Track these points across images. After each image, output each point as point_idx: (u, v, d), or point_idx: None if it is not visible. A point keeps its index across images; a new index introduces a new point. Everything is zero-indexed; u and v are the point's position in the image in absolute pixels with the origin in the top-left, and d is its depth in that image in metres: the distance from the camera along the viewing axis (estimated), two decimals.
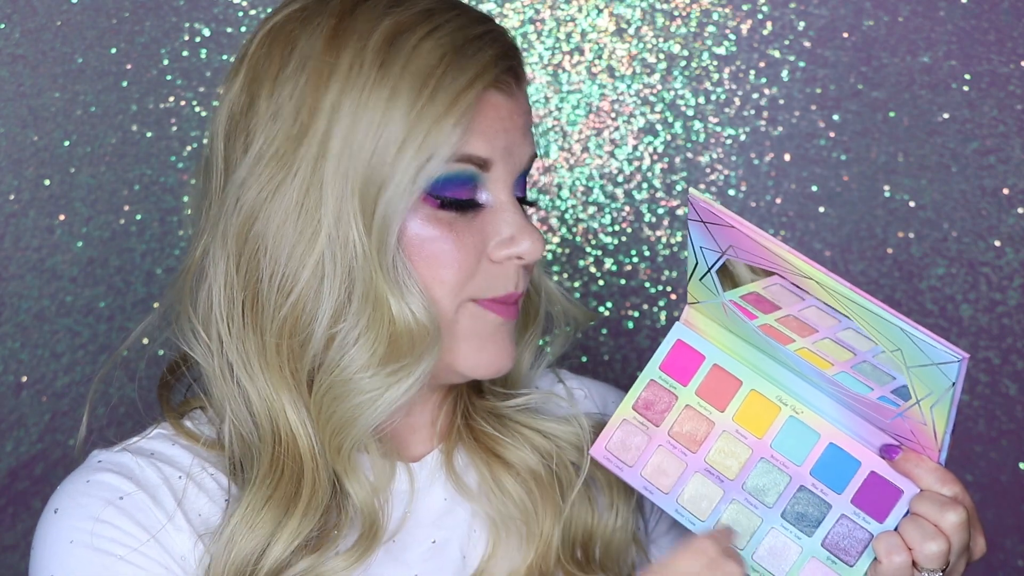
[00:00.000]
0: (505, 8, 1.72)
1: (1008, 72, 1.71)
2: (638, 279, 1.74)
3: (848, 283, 0.94)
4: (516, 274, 1.08)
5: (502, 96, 1.07)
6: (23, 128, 1.66)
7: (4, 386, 1.67)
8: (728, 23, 1.73)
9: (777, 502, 1.04)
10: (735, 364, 1.08)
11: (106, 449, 1.09)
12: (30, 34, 1.66)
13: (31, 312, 1.67)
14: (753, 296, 1.08)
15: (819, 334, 1.06)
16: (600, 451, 1.10)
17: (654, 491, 1.07)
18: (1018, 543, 1.72)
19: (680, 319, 1.11)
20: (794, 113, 1.73)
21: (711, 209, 0.98)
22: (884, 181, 1.73)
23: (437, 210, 1.05)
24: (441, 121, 1.02)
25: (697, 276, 1.05)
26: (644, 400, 1.10)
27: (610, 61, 1.73)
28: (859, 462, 1.03)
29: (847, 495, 1.03)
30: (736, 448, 1.06)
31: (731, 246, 1.00)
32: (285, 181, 1.03)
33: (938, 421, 0.97)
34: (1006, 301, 1.73)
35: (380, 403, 1.05)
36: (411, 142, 1.02)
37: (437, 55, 1.03)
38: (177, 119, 1.69)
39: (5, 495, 1.67)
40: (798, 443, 1.05)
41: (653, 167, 1.73)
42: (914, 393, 0.97)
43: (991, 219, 1.72)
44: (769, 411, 1.07)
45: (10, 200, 1.66)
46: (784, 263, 0.97)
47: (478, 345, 1.08)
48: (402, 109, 1.02)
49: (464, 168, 1.05)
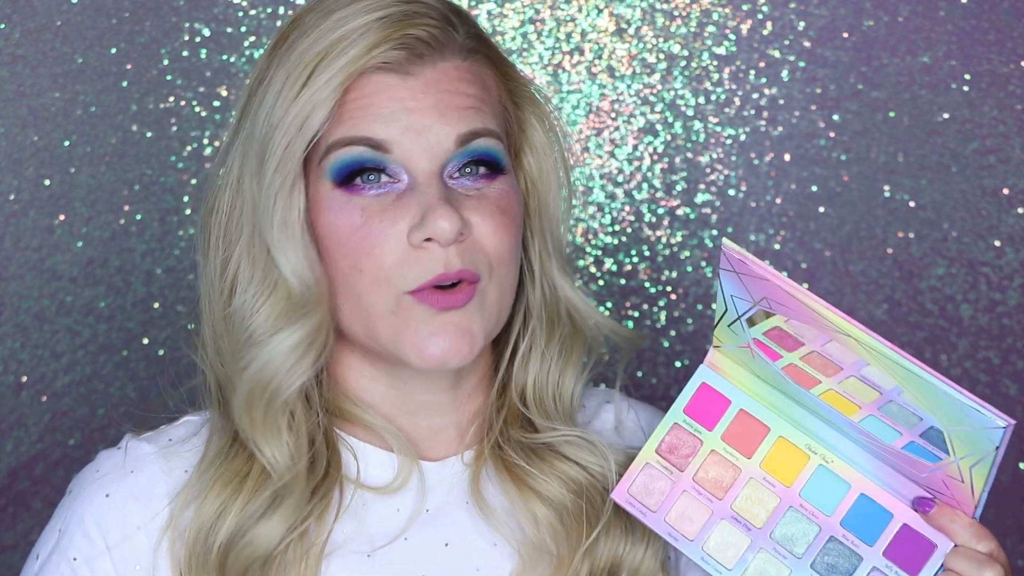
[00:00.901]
0: (505, 8, 1.72)
1: (1008, 72, 1.71)
2: (638, 279, 1.74)
3: (889, 343, 0.93)
4: (443, 254, 1.05)
5: (393, 76, 1.06)
6: (23, 128, 1.66)
7: (4, 386, 1.67)
8: (728, 23, 1.73)
9: (807, 552, 1.02)
10: (762, 410, 1.06)
11: (135, 436, 1.13)
12: (30, 34, 1.66)
13: (31, 312, 1.67)
14: (776, 331, 1.07)
15: (844, 372, 1.04)
16: (622, 495, 1.08)
17: (679, 538, 1.05)
18: (1018, 543, 1.72)
19: (704, 362, 1.09)
20: (794, 113, 1.73)
21: (745, 260, 0.97)
22: (884, 181, 1.73)
23: (348, 196, 1.06)
24: (312, 101, 1.05)
25: (725, 323, 1.03)
26: (668, 444, 1.08)
27: (610, 61, 1.73)
28: (891, 514, 1.02)
29: (879, 547, 1.01)
30: (764, 496, 1.05)
31: (765, 298, 0.99)
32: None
33: (977, 480, 0.95)
34: (1006, 301, 1.73)
35: (275, 365, 1.07)
36: (286, 122, 1.06)
37: (321, 46, 1.06)
38: (177, 119, 1.68)
39: (5, 495, 1.67)
40: (828, 493, 1.03)
41: (653, 167, 1.73)
42: (953, 452, 0.95)
43: (991, 219, 1.72)
44: (798, 459, 1.05)
45: (10, 200, 1.66)
46: (821, 319, 0.96)
47: (417, 336, 1.06)
48: (286, 94, 1.06)
49: (361, 151, 1.06)
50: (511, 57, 1.72)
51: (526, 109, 1.16)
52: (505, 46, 1.72)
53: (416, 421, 1.13)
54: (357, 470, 1.11)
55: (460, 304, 1.06)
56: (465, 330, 1.06)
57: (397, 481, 1.11)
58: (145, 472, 1.10)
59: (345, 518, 1.09)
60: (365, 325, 1.07)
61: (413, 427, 1.13)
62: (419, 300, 1.05)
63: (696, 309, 1.73)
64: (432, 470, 1.13)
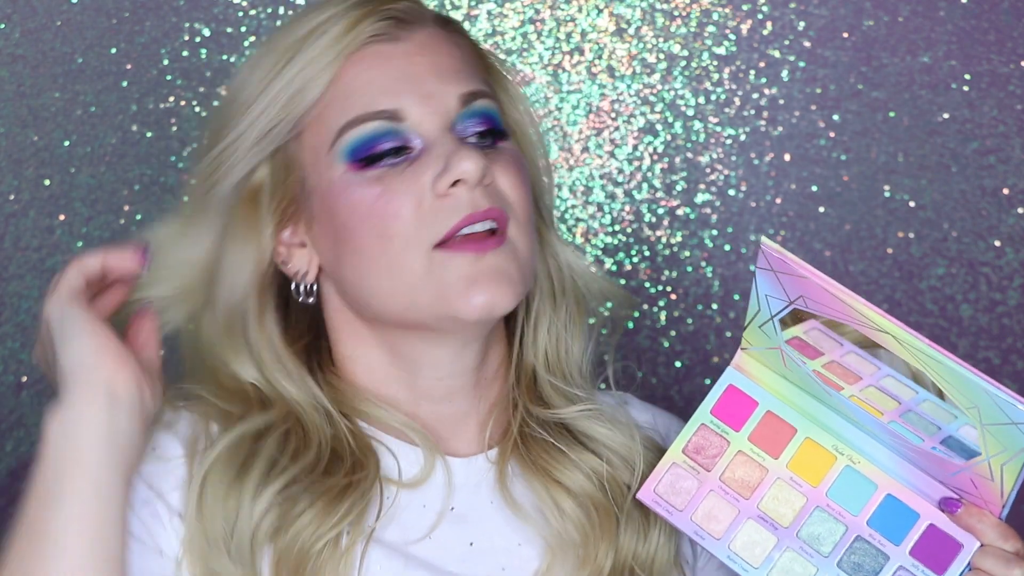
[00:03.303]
0: (505, 8, 1.72)
1: (1008, 72, 1.71)
2: (638, 279, 1.74)
3: (927, 339, 0.94)
4: (470, 196, 1.05)
5: (387, 45, 1.08)
6: (23, 128, 1.66)
7: (4, 386, 1.67)
8: (728, 23, 1.73)
9: (833, 551, 1.03)
10: (789, 411, 1.07)
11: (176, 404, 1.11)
12: (30, 34, 1.66)
13: (31, 312, 1.67)
14: (796, 341, 1.08)
15: (863, 381, 1.05)
16: (649, 495, 1.09)
17: (705, 536, 1.06)
18: None
19: (732, 364, 1.09)
20: (794, 113, 1.73)
21: (784, 259, 0.97)
22: (884, 181, 1.73)
23: (364, 171, 1.06)
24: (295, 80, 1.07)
25: (757, 323, 1.04)
26: (695, 444, 1.09)
27: (610, 61, 1.73)
28: (917, 514, 1.02)
29: (905, 547, 1.02)
30: (790, 496, 1.05)
31: (801, 296, 0.99)
32: None
33: (1007, 479, 0.96)
34: (1006, 301, 1.73)
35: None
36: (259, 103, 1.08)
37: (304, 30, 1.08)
38: (177, 119, 1.68)
39: (5, 495, 1.67)
40: (855, 493, 1.04)
41: (653, 167, 1.73)
42: (985, 450, 0.96)
43: (991, 219, 1.72)
44: (825, 460, 1.05)
45: (10, 200, 1.66)
46: (860, 316, 0.96)
47: (458, 286, 1.05)
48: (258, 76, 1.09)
49: (376, 126, 1.07)
50: (511, 57, 1.72)
51: (501, 83, 1.17)
52: (505, 46, 1.72)
53: (439, 410, 1.13)
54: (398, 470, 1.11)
55: (495, 246, 1.06)
56: (505, 274, 1.06)
57: (422, 474, 1.10)
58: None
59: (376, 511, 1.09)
60: (405, 296, 1.06)
61: (437, 418, 1.13)
62: (453, 251, 1.05)
63: (696, 309, 1.73)
64: (459, 467, 1.12)
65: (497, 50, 1.72)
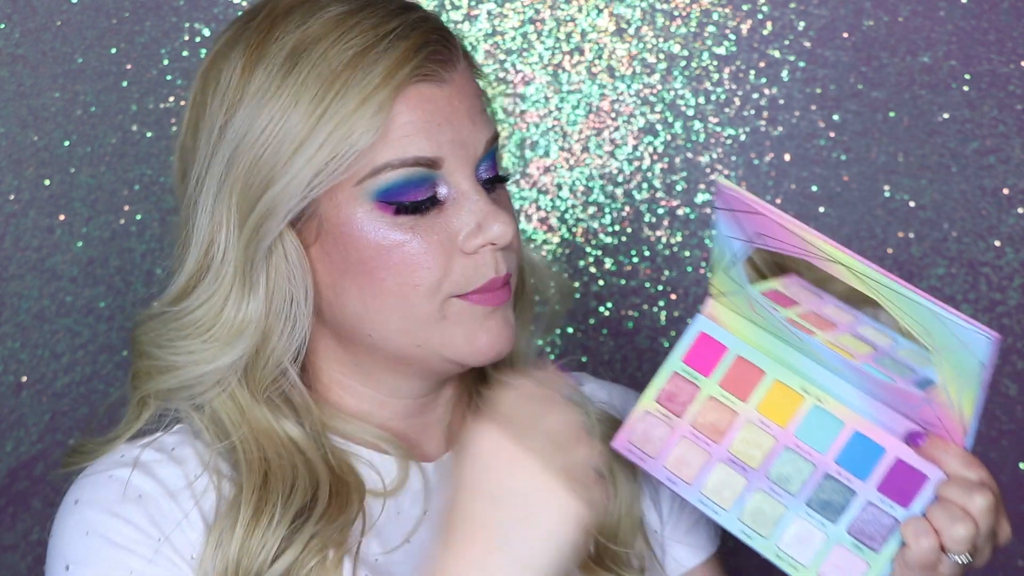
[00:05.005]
0: (505, 8, 1.72)
1: (1008, 72, 1.71)
2: (638, 279, 1.74)
3: (878, 266, 0.94)
4: (494, 259, 1.07)
5: (432, 86, 1.05)
6: (23, 128, 1.66)
7: (4, 386, 1.67)
8: (728, 23, 1.73)
9: (802, 490, 1.04)
10: (758, 355, 1.08)
11: (129, 443, 1.10)
12: (30, 34, 1.66)
13: (31, 312, 1.67)
14: (773, 293, 1.08)
15: (839, 329, 1.06)
16: (623, 443, 1.10)
17: (677, 482, 1.07)
18: (1018, 543, 1.72)
19: (702, 312, 1.10)
20: (794, 113, 1.73)
21: (739, 196, 0.98)
22: (884, 181, 1.73)
23: (395, 216, 1.05)
24: (350, 119, 1.02)
25: (723, 267, 1.05)
26: (667, 392, 1.10)
27: (610, 61, 1.73)
28: (884, 449, 1.03)
29: (872, 482, 1.03)
30: (760, 438, 1.06)
31: (759, 234, 1.00)
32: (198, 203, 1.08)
33: (966, 405, 0.97)
34: (1006, 301, 1.73)
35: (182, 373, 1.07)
36: (312, 142, 1.02)
37: (344, 59, 1.03)
38: (177, 119, 1.69)
39: (5, 495, 1.67)
40: (822, 432, 1.05)
41: (653, 167, 1.73)
42: (943, 376, 0.96)
43: (991, 219, 1.72)
44: (792, 401, 1.06)
45: (10, 200, 1.66)
46: (813, 248, 0.97)
47: (469, 335, 1.07)
48: (302, 112, 1.02)
49: (414, 172, 1.04)
50: (511, 57, 1.72)
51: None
52: (505, 46, 1.72)
53: (411, 422, 1.14)
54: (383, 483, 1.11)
55: (505, 299, 1.09)
56: (508, 322, 1.09)
57: (397, 483, 1.11)
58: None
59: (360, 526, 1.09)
60: (413, 336, 1.07)
61: (407, 426, 1.14)
62: (470, 302, 1.07)
63: (696, 309, 1.74)
64: (432, 471, 1.13)
65: (497, 50, 1.72)
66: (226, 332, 1.06)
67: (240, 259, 1.05)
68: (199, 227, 1.07)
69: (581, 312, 1.74)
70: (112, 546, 1.03)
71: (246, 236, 1.05)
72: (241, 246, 1.05)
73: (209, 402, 1.09)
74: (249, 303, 1.06)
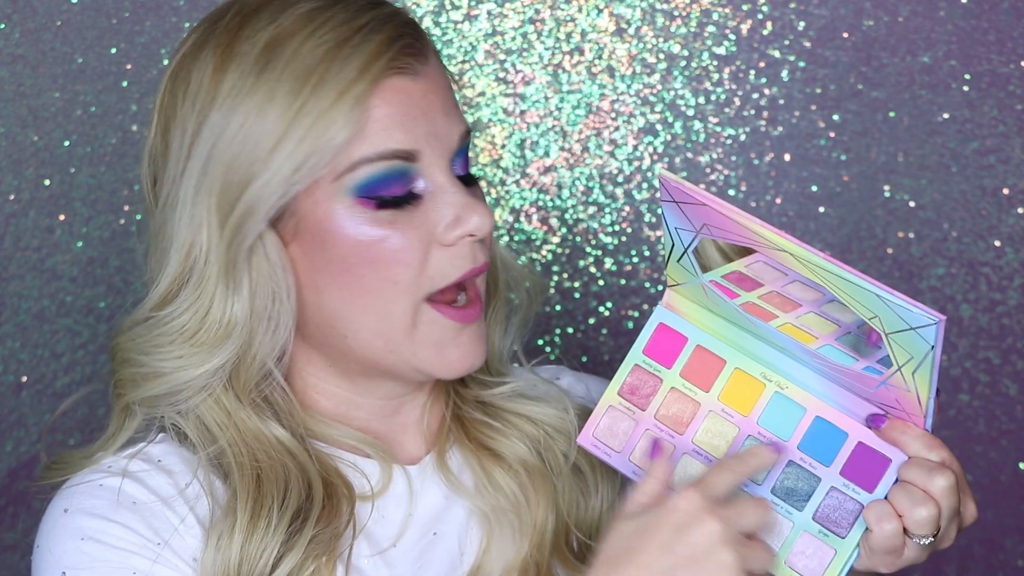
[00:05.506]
0: (505, 8, 1.72)
1: (1008, 72, 1.72)
2: (638, 279, 1.74)
3: (821, 252, 0.94)
4: (472, 251, 1.07)
5: (407, 79, 1.05)
6: (23, 128, 1.66)
7: (4, 386, 1.67)
8: (728, 23, 1.73)
9: (767, 479, 1.03)
10: (718, 344, 1.07)
11: (113, 454, 1.09)
12: (30, 34, 1.66)
13: (31, 312, 1.67)
14: (735, 275, 1.08)
15: (803, 308, 1.06)
16: (588, 439, 1.09)
17: (643, 475, 1.07)
18: (1018, 543, 1.72)
19: (661, 303, 1.10)
20: (794, 113, 1.73)
21: (681, 188, 0.98)
22: (884, 181, 1.73)
23: (376, 211, 1.04)
24: (328, 114, 1.02)
25: (674, 258, 1.05)
26: (629, 385, 1.09)
27: (610, 61, 1.73)
28: (846, 434, 1.02)
29: (835, 467, 1.02)
30: (723, 428, 1.06)
31: (705, 224, 1.00)
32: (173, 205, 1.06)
33: (921, 387, 0.96)
34: (1006, 301, 1.73)
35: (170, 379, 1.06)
36: (289, 138, 1.02)
37: (319, 53, 1.02)
38: None
39: (5, 495, 1.67)
40: (784, 418, 1.04)
41: (653, 167, 1.73)
42: (895, 360, 0.96)
43: (991, 219, 1.72)
44: (754, 388, 1.06)
45: (10, 200, 1.66)
46: (757, 237, 0.97)
47: (440, 349, 1.07)
48: (279, 108, 1.02)
49: (391, 165, 1.04)
50: (511, 57, 1.72)
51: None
52: (505, 46, 1.72)
53: (391, 421, 1.14)
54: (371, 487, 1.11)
55: (476, 316, 1.09)
56: (479, 336, 1.09)
57: (380, 485, 1.11)
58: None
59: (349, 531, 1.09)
60: (385, 340, 1.07)
61: (387, 427, 1.14)
62: (440, 313, 1.07)
63: None
64: (415, 472, 1.13)
65: (497, 50, 1.72)
66: (213, 335, 1.06)
67: (223, 260, 1.04)
68: (178, 230, 1.05)
69: (581, 312, 1.74)
70: (111, 549, 1.03)
71: (227, 236, 1.04)
72: (223, 246, 1.04)
73: (194, 408, 1.08)
74: (234, 304, 1.05)
